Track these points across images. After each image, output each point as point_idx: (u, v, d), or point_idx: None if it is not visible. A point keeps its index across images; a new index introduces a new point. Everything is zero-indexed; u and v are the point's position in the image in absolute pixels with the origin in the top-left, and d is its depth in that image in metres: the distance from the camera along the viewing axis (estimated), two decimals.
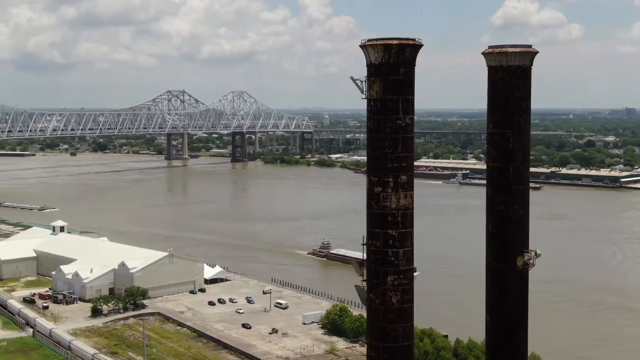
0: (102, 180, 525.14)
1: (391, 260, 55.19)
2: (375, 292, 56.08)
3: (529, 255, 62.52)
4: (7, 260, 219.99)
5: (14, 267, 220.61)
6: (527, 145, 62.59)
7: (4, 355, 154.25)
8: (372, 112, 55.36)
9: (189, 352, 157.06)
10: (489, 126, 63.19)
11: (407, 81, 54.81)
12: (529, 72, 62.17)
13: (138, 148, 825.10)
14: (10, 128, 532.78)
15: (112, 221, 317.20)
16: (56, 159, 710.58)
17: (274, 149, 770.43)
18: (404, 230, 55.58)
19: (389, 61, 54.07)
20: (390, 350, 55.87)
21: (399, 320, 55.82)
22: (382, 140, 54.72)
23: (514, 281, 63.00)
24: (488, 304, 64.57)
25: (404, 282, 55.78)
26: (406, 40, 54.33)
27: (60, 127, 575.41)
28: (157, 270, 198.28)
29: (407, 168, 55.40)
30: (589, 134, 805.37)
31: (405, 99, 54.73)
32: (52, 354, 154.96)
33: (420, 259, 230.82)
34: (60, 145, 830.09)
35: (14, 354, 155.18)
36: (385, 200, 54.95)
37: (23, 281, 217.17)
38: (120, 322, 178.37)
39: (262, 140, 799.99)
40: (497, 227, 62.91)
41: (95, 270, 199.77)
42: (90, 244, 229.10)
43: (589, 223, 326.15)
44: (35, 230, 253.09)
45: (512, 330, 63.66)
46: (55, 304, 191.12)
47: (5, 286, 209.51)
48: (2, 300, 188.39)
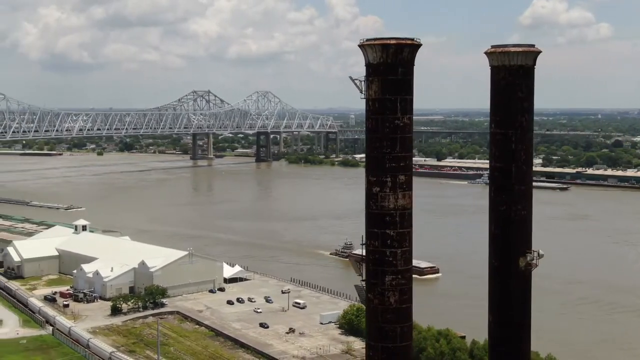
0: (127, 179, 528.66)
1: (389, 260, 55.14)
2: (374, 292, 56.08)
3: (531, 256, 62.06)
4: (30, 259, 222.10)
5: (36, 265, 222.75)
6: (529, 145, 62.15)
7: (24, 352, 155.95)
8: (370, 112, 55.39)
9: (206, 350, 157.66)
10: (492, 126, 62.85)
11: (405, 81, 54.73)
12: (531, 71, 61.68)
13: (164, 148, 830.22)
14: (37, 128, 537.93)
15: (135, 220, 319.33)
16: (82, 158, 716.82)
17: (299, 148, 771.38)
18: (402, 230, 55.41)
19: (387, 61, 54.05)
20: (388, 350, 55.78)
21: (397, 320, 55.74)
22: (380, 140, 54.73)
23: (516, 282, 62.62)
24: (491, 304, 64.34)
25: (402, 282, 55.68)
26: (404, 40, 54.27)
27: (86, 127, 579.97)
28: (177, 269, 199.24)
29: (405, 168, 55.26)
30: (617, 134, 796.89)
31: (404, 99, 54.64)
32: (71, 352, 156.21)
33: (443, 260, 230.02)
34: (87, 145, 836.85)
35: (33, 351, 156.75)
36: (384, 200, 54.89)
37: (45, 280, 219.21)
38: (139, 320, 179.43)
39: (287, 140, 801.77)
40: (499, 228, 62.57)
41: (115, 269, 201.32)
42: (111, 243, 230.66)
43: (611, 224, 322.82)
44: (58, 229, 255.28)
45: (514, 330, 63.29)
46: (75, 302, 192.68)
47: (27, 284, 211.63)
48: (23, 299, 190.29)
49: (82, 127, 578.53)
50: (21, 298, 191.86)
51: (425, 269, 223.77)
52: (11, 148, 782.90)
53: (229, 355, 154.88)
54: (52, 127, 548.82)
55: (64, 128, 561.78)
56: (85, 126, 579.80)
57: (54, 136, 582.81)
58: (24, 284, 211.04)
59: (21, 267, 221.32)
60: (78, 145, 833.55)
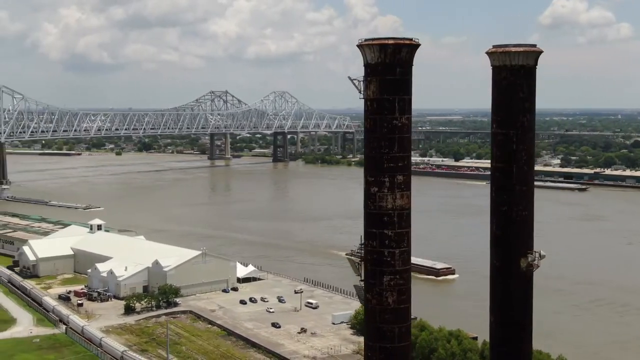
0: (144, 179, 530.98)
1: (387, 261, 55.14)
2: (372, 292, 56.08)
3: (532, 257, 61.91)
4: (45, 258, 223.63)
5: (51, 264, 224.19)
6: (531, 145, 61.94)
7: (37, 351, 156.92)
8: (368, 112, 55.38)
9: (218, 350, 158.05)
10: (493, 126, 62.75)
11: (403, 81, 54.65)
12: (533, 71, 61.52)
13: (182, 148, 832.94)
14: (56, 128, 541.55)
15: (151, 220, 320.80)
16: (101, 158, 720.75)
17: (316, 149, 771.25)
18: (401, 230, 55.35)
19: (385, 61, 54.00)
20: (386, 351, 55.73)
21: (395, 321, 55.72)
22: (378, 140, 54.71)
23: (517, 282, 62.46)
24: (492, 304, 64.24)
25: (400, 282, 55.64)
26: (402, 40, 54.17)
27: (104, 127, 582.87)
28: (190, 268, 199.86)
29: (403, 168, 55.19)
30: (637, 135, 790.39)
31: (402, 99, 54.58)
32: (84, 351, 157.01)
33: (459, 260, 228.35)
34: (106, 145, 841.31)
35: (46, 350, 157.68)
36: (382, 200, 54.90)
37: (60, 279, 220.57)
38: (152, 320, 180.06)
39: (305, 140, 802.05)
40: (500, 228, 62.47)
41: (129, 269, 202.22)
42: (126, 243, 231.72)
43: (627, 225, 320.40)
44: (73, 228, 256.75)
45: (515, 331, 63.13)
46: (89, 301, 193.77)
47: (43, 283, 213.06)
48: (38, 298, 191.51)
49: (100, 127, 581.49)
50: (35, 297, 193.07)
51: (441, 270, 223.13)
52: (30, 148, 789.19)
53: (240, 355, 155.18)
54: (70, 127, 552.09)
55: (82, 128, 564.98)
56: (103, 126, 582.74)
57: (72, 136, 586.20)
58: (39, 283, 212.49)
59: (36, 266, 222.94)
60: (97, 145, 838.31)
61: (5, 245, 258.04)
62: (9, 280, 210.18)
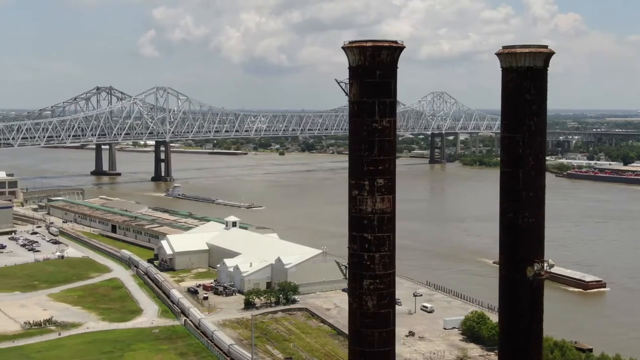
0: (293, 177, 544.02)
1: (367, 264, 54.74)
2: (353, 296, 55.91)
3: (539, 266, 59.37)
4: (181, 252, 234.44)
5: (186, 258, 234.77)
6: (539, 150, 59.39)
7: (154, 341, 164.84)
8: (350, 114, 55.26)
9: (323, 348, 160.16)
10: (501, 130, 60.79)
11: (383, 84, 54.01)
12: (542, 73, 58.89)
13: (342, 148, 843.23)
14: (229, 128, 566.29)
15: (292, 218, 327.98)
16: (264, 157, 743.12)
17: (477, 150, 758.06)
18: (381, 234, 54.74)
19: (364, 64, 53.73)
20: (366, 355, 55.39)
21: (374, 325, 55.25)
22: (359, 143, 54.45)
23: (525, 292, 60.10)
24: (500, 315, 62.19)
25: (381, 286, 55.09)
26: (382, 43, 53.62)
27: (263, 127, 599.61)
28: (311, 267, 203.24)
29: (385, 172, 54.59)
30: None
31: (382, 102, 54.00)
32: (196, 343, 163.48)
33: (615, 274, 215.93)
34: (272, 144, 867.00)
35: (162, 340, 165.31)
36: (362, 203, 54.58)
37: (194, 272, 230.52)
38: (269, 315, 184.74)
39: (467, 141, 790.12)
40: (507, 235, 60.36)
41: (254, 265, 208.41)
42: (256, 239, 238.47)
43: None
44: (212, 224, 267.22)
45: (524, 342, 60.77)
46: (215, 295, 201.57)
47: (177, 276, 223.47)
48: (167, 290, 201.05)
49: (260, 128, 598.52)
50: (165, 289, 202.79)
51: (589, 283, 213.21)
52: (202, 147, 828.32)
53: (343, 354, 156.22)
54: (241, 128, 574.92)
55: (252, 129, 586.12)
56: (261, 127, 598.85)
57: (233, 136, 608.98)
58: (173, 276, 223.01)
59: (173, 259, 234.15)
60: (264, 145, 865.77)
61: (151, 239, 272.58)
62: (145, 272, 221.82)
